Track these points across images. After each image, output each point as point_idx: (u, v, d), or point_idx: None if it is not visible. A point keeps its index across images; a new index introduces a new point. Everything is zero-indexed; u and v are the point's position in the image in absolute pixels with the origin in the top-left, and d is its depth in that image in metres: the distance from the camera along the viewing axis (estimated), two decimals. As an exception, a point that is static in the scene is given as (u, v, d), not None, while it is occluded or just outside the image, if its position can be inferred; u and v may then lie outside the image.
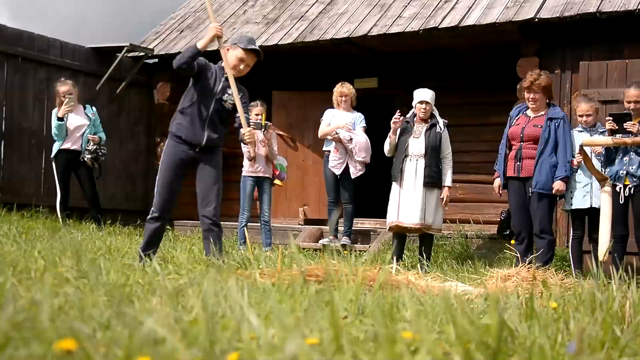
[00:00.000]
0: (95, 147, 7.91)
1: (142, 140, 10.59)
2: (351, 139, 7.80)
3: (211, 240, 4.96)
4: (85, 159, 7.88)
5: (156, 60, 10.52)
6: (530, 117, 6.26)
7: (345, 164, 7.85)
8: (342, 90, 7.99)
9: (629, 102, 6.00)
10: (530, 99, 6.22)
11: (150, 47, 10.35)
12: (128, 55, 10.02)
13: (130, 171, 10.40)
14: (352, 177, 7.85)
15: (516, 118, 6.39)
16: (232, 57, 5.04)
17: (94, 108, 8.24)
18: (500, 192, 6.46)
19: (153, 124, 10.50)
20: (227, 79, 5.02)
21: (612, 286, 2.63)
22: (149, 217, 5.01)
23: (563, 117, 6.18)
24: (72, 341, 1.44)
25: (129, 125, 10.38)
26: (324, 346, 1.39)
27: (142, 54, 10.14)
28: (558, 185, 5.98)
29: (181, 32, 10.53)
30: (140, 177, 10.43)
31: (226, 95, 5.06)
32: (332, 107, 8.11)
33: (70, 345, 1.43)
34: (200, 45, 4.95)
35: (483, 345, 1.59)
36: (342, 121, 7.87)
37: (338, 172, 7.87)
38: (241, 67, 5.06)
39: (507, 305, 2.40)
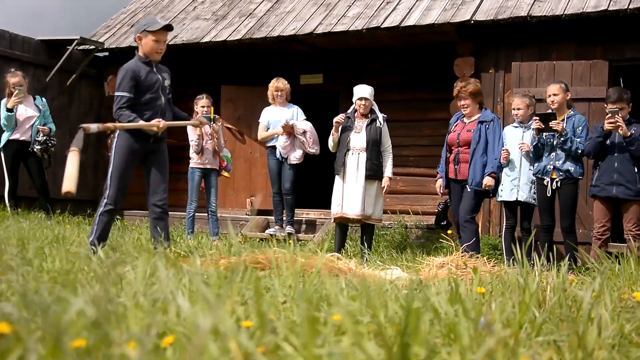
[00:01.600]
0: (45, 138, 8.00)
1: (92, 132, 10.67)
2: (304, 132, 8.10)
3: (159, 228, 5.17)
4: (35, 149, 7.97)
5: (107, 53, 10.62)
6: (465, 123, 6.80)
7: (290, 150, 8.16)
8: (278, 85, 8.24)
9: (550, 96, 6.44)
10: (461, 106, 6.78)
11: (101, 40, 10.46)
12: (78, 48, 10.11)
13: (81, 162, 10.42)
14: (292, 162, 8.13)
15: (454, 125, 6.93)
16: (148, 45, 5.09)
17: (44, 99, 8.32)
18: (442, 191, 7.00)
19: (103, 115, 10.58)
20: (158, 68, 5.16)
21: (535, 272, 2.78)
22: (103, 209, 5.05)
23: (493, 119, 6.66)
24: (5, 325, 1.42)
25: (79, 116, 10.46)
26: (254, 328, 1.41)
27: (92, 47, 10.24)
28: (487, 180, 6.45)
29: (132, 26, 10.64)
30: (90, 168, 10.52)
31: (166, 81, 5.23)
32: (278, 102, 8.39)
33: (3, 329, 1.41)
34: (143, 127, 5.04)
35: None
36: (280, 121, 8.10)
37: (285, 154, 8.15)
38: (161, 47, 5.13)
39: (437, 290, 2.54)
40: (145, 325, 1.39)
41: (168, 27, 5.14)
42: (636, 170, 6.11)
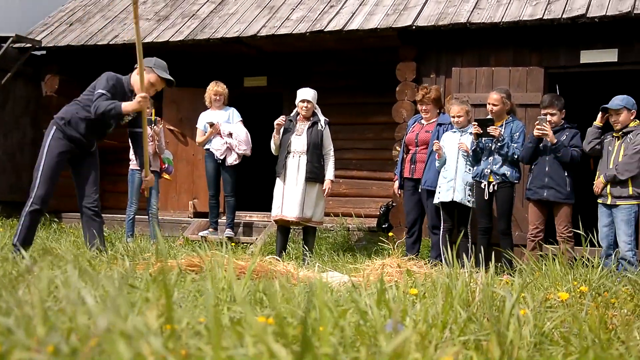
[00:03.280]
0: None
1: (28, 131, 10.41)
2: (230, 134, 8.08)
3: (94, 230, 5.07)
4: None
5: (44, 52, 10.35)
6: (423, 124, 7.10)
7: (226, 152, 8.15)
8: (217, 89, 8.22)
9: (490, 104, 6.61)
10: (422, 110, 7.09)
11: (38, 38, 10.19)
12: (14, 46, 9.82)
13: (16, 163, 10.21)
14: (228, 164, 8.11)
15: (412, 126, 7.21)
16: (145, 79, 5.05)
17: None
18: (399, 192, 7.24)
19: (40, 115, 10.33)
20: (133, 94, 5.06)
21: (464, 273, 2.79)
22: (30, 209, 4.91)
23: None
24: None
25: (14, 116, 10.18)
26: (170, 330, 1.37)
27: (29, 45, 9.97)
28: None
29: (70, 25, 10.42)
30: (25, 169, 10.23)
31: (127, 117, 5.14)
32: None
33: None
34: (124, 110, 4.93)
35: (338, 327, 1.82)
36: (216, 123, 8.11)
37: (221, 156, 8.13)
38: (151, 91, 5.16)
39: (368, 292, 2.59)
40: (49, 328, 1.36)
41: (169, 82, 5.19)
42: (566, 174, 6.31)
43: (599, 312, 2.58)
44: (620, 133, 6.21)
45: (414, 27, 8.19)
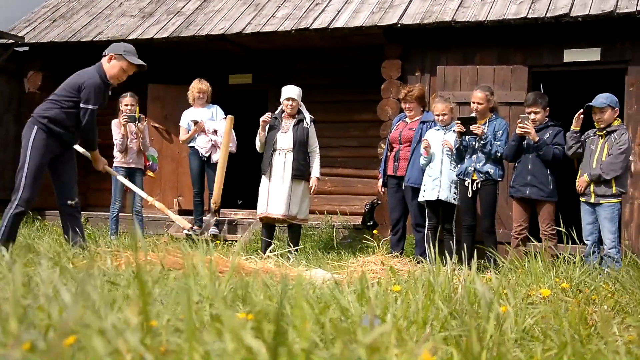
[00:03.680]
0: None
1: (11, 128, 10.31)
2: (215, 131, 8.06)
3: (76, 227, 5.05)
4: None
5: (27, 48, 10.27)
6: (407, 122, 7.14)
7: (211, 149, 8.12)
8: (201, 87, 8.19)
9: (474, 103, 6.64)
10: (406, 108, 7.12)
11: (21, 34, 10.10)
12: (-4, 42, 9.75)
13: (-1, 159, 10.15)
14: (213, 161, 8.08)
15: (396, 124, 7.25)
16: (116, 67, 5.11)
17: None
18: (382, 190, 7.26)
19: (23, 112, 10.23)
20: (109, 87, 5.17)
21: (447, 270, 2.85)
22: (14, 211, 4.88)
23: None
24: None
25: (-4, 113, 10.11)
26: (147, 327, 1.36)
27: (11, 41, 9.88)
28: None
29: (54, 21, 10.34)
30: (8, 166, 10.16)
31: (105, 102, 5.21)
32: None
33: None
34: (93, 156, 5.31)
35: (319, 324, 1.83)
36: (200, 121, 8.08)
37: (206, 153, 8.10)
38: (123, 78, 5.20)
39: (351, 289, 2.66)
40: (26, 325, 1.36)
41: (141, 67, 5.18)
42: (548, 172, 6.35)
43: (579, 309, 2.60)
44: (604, 132, 6.25)
45: (399, 25, 8.21)
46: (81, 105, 4.96)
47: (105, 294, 2.12)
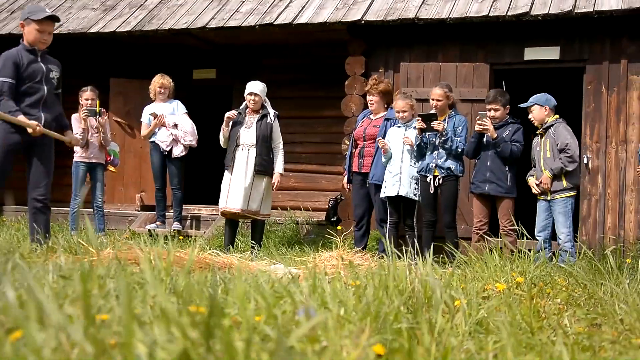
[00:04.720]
0: None
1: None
2: (176, 125, 8.02)
3: (41, 223, 4.98)
4: None
5: (-16, 40, 10.06)
6: (372, 119, 7.16)
7: (172, 143, 8.08)
8: (163, 82, 8.14)
9: (433, 100, 6.71)
10: (369, 101, 7.15)
11: (-22, 26, 9.89)
12: (-48, 33, 9.52)
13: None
14: (174, 155, 8.04)
15: (361, 121, 7.29)
16: (31, 32, 4.96)
17: None
18: (348, 187, 7.31)
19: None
20: (45, 59, 5.01)
21: (404, 264, 2.83)
22: None
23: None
24: None
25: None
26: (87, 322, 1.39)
27: (-32, 33, 9.67)
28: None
29: (12, 12, 10.13)
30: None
31: (52, 73, 5.08)
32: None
33: None
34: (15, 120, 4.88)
35: (272, 317, 1.85)
36: (160, 115, 8.03)
37: (167, 148, 8.05)
38: (44, 37, 5.01)
39: (308, 283, 2.69)
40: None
41: (53, 18, 5.03)
42: (507, 169, 6.46)
43: (533, 302, 2.65)
44: (542, 130, 6.43)
45: (362, 22, 8.24)
46: None
47: (60, 288, 2.10)
